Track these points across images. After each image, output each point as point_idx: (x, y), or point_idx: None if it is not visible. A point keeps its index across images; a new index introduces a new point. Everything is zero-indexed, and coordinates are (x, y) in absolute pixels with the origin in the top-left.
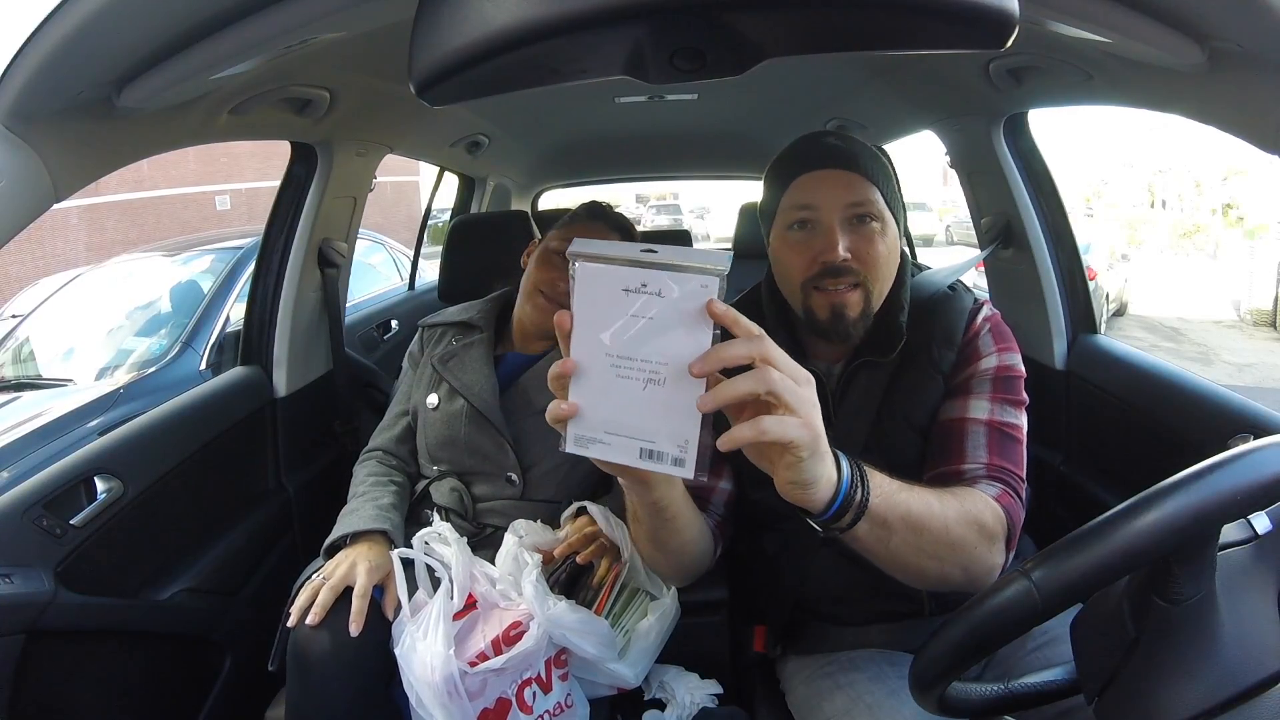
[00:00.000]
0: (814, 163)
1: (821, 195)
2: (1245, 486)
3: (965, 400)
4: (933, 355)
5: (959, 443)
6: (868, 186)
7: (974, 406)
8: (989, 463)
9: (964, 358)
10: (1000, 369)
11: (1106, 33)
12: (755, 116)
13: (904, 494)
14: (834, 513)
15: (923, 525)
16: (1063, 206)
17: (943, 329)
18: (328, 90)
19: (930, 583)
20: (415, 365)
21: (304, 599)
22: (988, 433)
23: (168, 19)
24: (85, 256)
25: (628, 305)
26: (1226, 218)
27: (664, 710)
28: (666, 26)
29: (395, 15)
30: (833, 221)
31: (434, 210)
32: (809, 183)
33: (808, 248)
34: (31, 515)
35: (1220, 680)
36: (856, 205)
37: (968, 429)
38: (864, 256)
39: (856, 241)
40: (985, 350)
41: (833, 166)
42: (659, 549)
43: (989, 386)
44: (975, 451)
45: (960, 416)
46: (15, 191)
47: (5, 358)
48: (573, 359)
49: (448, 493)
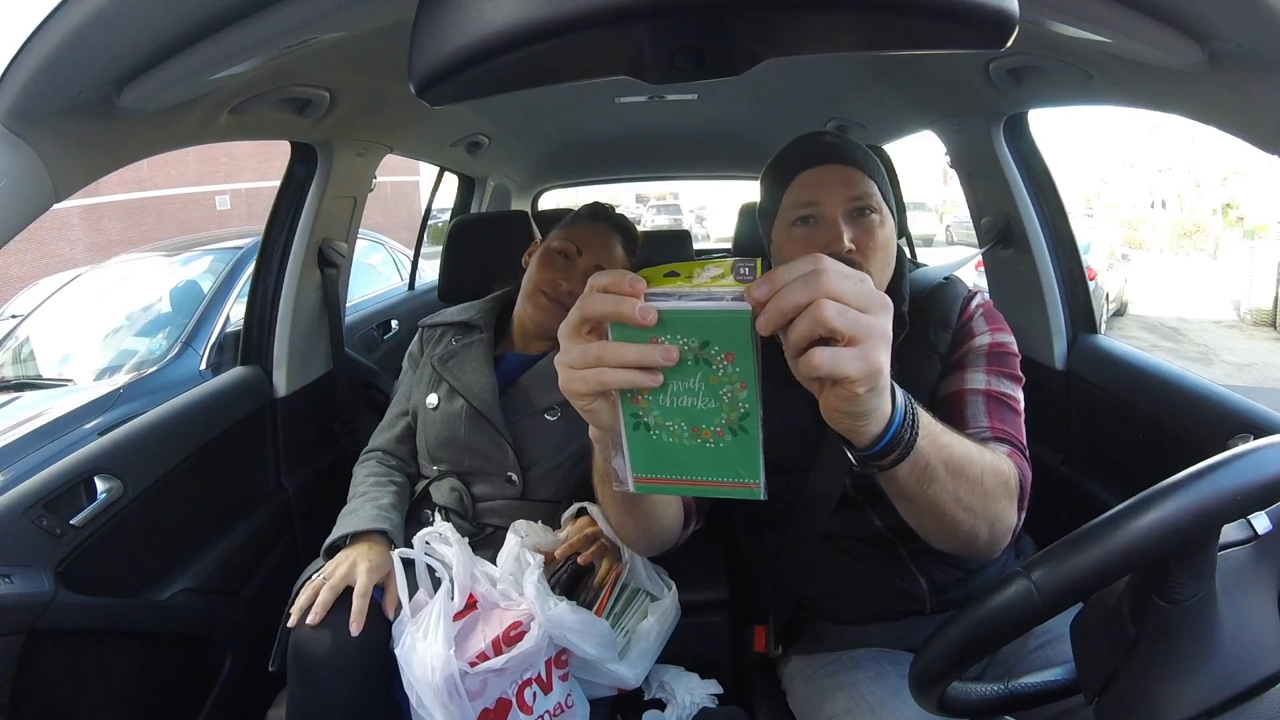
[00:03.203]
0: (813, 160)
1: (823, 191)
2: (1245, 486)
3: (962, 374)
4: (929, 338)
5: (959, 412)
6: (866, 180)
7: (970, 379)
8: (991, 426)
9: (958, 338)
10: (994, 345)
11: (1106, 33)
12: (755, 116)
13: (947, 436)
14: (880, 450)
15: (962, 471)
16: (1063, 206)
17: (939, 313)
18: (328, 90)
19: (958, 539)
20: (415, 365)
21: (304, 599)
22: (986, 401)
23: (168, 19)
24: (85, 256)
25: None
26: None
27: (664, 710)
28: (666, 26)
29: (395, 15)
30: (836, 215)
31: (434, 210)
32: (810, 179)
33: (812, 242)
34: (31, 515)
35: (1220, 680)
36: (857, 199)
37: (966, 399)
38: (865, 247)
39: (858, 233)
40: (979, 330)
41: (832, 163)
42: (626, 513)
43: (984, 360)
44: (976, 418)
45: (958, 389)
46: (15, 191)
47: (5, 358)
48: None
49: (447, 492)
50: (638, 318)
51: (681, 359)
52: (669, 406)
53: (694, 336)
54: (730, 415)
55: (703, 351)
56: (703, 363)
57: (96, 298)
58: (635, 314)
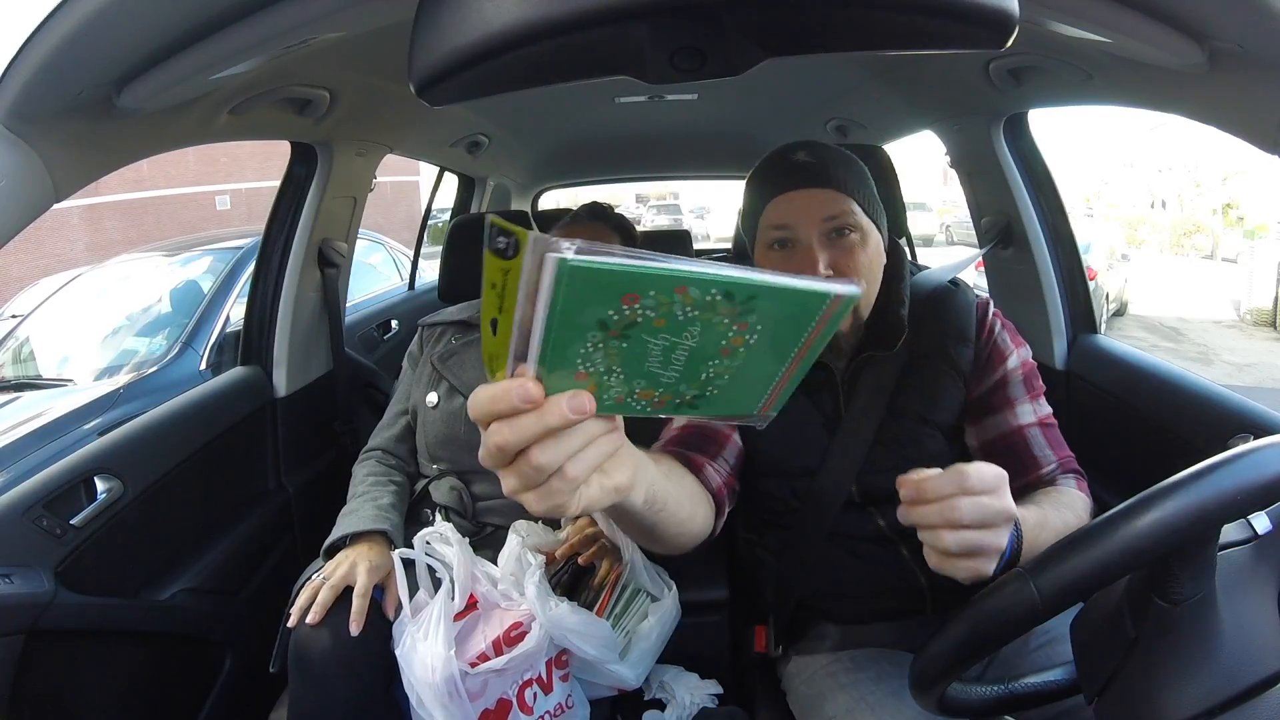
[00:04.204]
0: (786, 184)
1: (796, 215)
2: (1245, 486)
3: (1012, 409)
4: (948, 353)
5: (1027, 451)
6: (842, 199)
7: (1021, 413)
8: (1058, 457)
9: (987, 359)
10: (1025, 366)
11: (1106, 33)
12: (755, 116)
13: (1045, 534)
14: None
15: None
16: (1063, 206)
17: (954, 326)
18: (328, 90)
19: None
20: (415, 365)
21: (304, 599)
22: (1042, 431)
23: (168, 19)
24: (85, 256)
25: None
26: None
27: (664, 710)
28: (666, 26)
29: (395, 15)
30: (810, 240)
31: (434, 210)
32: (783, 204)
33: (788, 266)
34: (32, 515)
35: (1220, 680)
36: (831, 219)
37: (1026, 435)
38: (845, 269)
39: (836, 256)
40: (1007, 350)
41: (804, 186)
42: (654, 542)
43: (1023, 387)
44: (1043, 453)
45: (1015, 427)
46: (15, 191)
47: (5, 358)
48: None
49: (447, 491)
50: (567, 414)
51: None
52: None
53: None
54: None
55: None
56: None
57: (96, 298)
58: (564, 412)
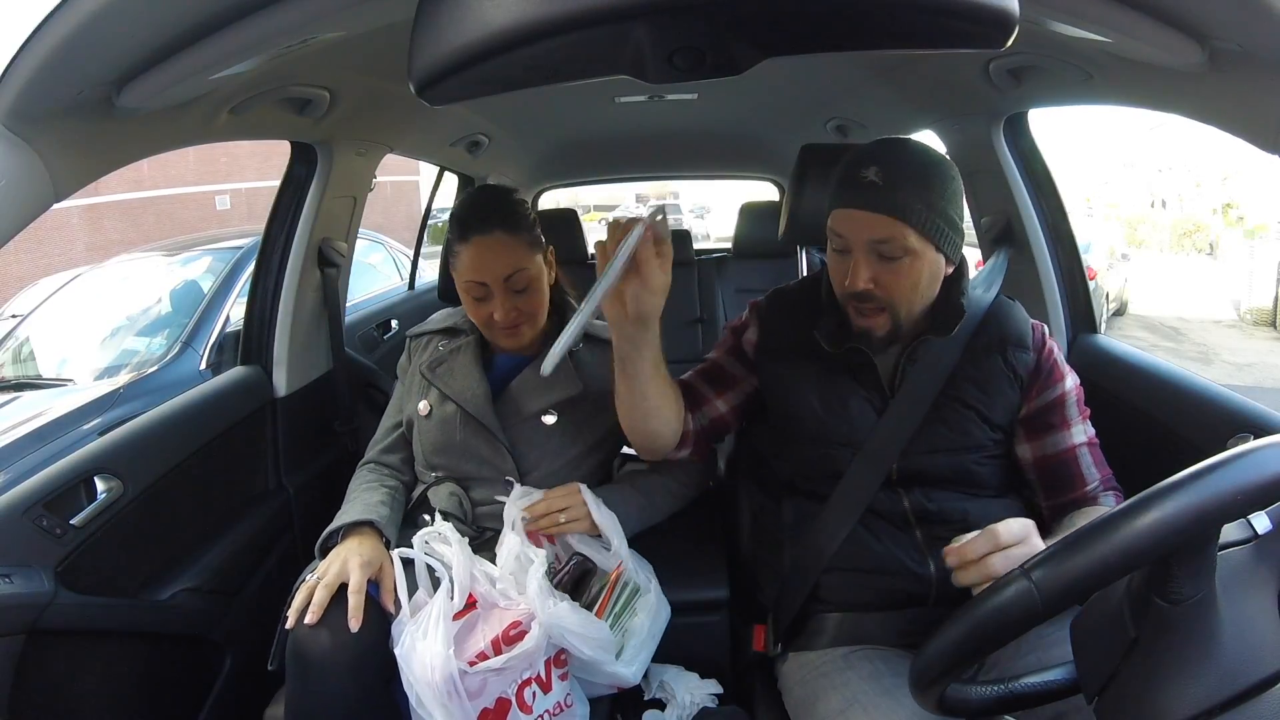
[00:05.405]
0: (848, 199)
1: (851, 231)
2: (1245, 486)
3: (1068, 429)
4: (1007, 356)
5: (1075, 469)
6: (896, 225)
7: (1075, 434)
8: (1101, 476)
9: (1046, 374)
10: (1077, 389)
11: (1106, 32)
12: (755, 116)
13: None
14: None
15: None
16: (1063, 206)
17: (1014, 333)
18: (328, 90)
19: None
20: (404, 376)
21: (300, 599)
22: (1090, 451)
23: (168, 19)
24: (85, 256)
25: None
26: (1226, 217)
27: (664, 710)
28: (666, 26)
29: (395, 15)
30: (859, 255)
31: (434, 210)
32: (842, 217)
33: (841, 269)
34: (31, 515)
35: (1220, 680)
36: (881, 243)
37: (1078, 454)
38: (889, 286)
39: (881, 272)
40: (1065, 371)
41: (861, 208)
42: (624, 403)
43: (1077, 410)
44: (1089, 472)
45: (1070, 446)
46: (15, 191)
47: (5, 358)
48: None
49: (446, 497)
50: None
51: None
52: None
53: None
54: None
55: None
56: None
57: (96, 298)
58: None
